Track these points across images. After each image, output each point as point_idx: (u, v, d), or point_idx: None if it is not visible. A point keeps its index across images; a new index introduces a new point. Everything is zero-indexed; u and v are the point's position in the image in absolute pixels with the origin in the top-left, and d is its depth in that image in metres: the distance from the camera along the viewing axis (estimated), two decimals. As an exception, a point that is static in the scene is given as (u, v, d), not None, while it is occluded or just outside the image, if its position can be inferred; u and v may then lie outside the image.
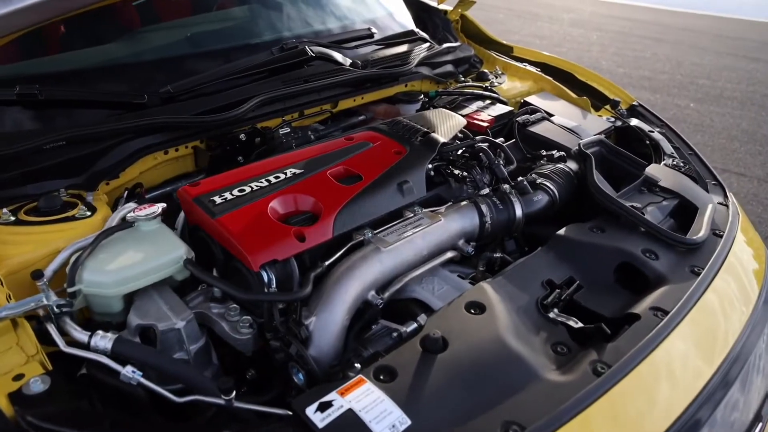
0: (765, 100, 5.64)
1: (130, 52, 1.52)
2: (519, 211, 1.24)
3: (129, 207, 1.09)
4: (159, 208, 1.07)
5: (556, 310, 1.01)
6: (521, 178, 1.33)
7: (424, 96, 1.80)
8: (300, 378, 0.94)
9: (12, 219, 1.08)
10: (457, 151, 1.38)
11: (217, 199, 1.08)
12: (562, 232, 1.21)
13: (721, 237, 1.24)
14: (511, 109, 1.73)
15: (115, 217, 1.09)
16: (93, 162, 1.23)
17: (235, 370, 1.04)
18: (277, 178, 1.16)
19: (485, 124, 1.62)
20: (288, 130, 1.49)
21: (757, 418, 1.14)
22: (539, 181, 1.33)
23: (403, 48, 1.89)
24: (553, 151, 1.50)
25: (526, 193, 1.29)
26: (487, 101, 1.76)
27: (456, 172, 1.33)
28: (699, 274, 1.10)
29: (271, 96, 1.47)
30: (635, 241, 1.17)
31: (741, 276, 1.22)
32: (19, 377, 0.80)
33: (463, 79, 1.98)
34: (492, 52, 2.22)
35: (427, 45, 1.95)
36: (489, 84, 1.93)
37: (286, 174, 1.18)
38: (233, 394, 0.81)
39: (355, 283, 1.01)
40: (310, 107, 1.59)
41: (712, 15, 9.39)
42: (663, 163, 1.51)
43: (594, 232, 1.21)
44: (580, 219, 1.27)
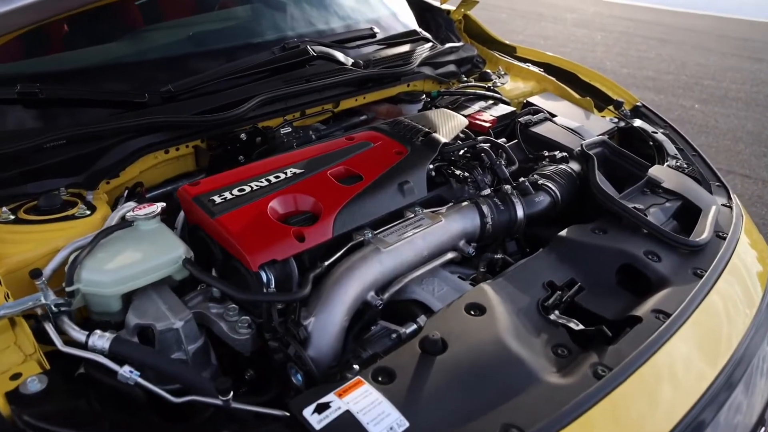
0: (770, 101, 5.62)
1: (131, 51, 1.52)
2: (520, 212, 1.24)
3: (128, 206, 1.09)
4: (158, 207, 1.06)
5: (557, 312, 1.00)
6: (523, 179, 1.32)
7: (426, 96, 1.79)
8: (298, 379, 0.93)
9: (12, 218, 1.08)
10: (459, 152, 1.37)
11: (217, 199, 1.08)
12: (563, 233, 1.20)
13: (724, 239, 1.23)
14: (514, 109, 1.72)
15: (115, 216, 1.09)
16: (93, 161, 1.23)
17: (234, 370, 1.03)
18: (277, 177, 1.16)
19: (487, 125, 1.62)
20: (289, 130, 1.48)
21: (760, 422, 1.13)
22: (541, 182, 1.32)
23: (405, 48, 1.88)
24: (556, 152, 1.49)
25: (527, 193, 1.28)
26: (490, 101, 1.75)
27: (457, 172, 1.33)
28: (702, 277, 1.09)
29: (273, 95, 1.46)
30: (637, 243, 1.16)
31: (744, 278, 1.21)
32: (16, 376, 0.80)
33: (465, 79, 1.98)
34: (495, 52, 2.21)
35: (429, 45, 1.94)
36: (491, 84, 1.92)
37: (286, 174, 1.17)
38: (231, 395, 0.81)
39: (354, 284, 1.00)
40: (311, 107, 1.59)
41: (716, 15, 9.35)
42: (666, 164, 1.50)
43: (596, 233, 1.20)
44: (582, 220, 1.26)
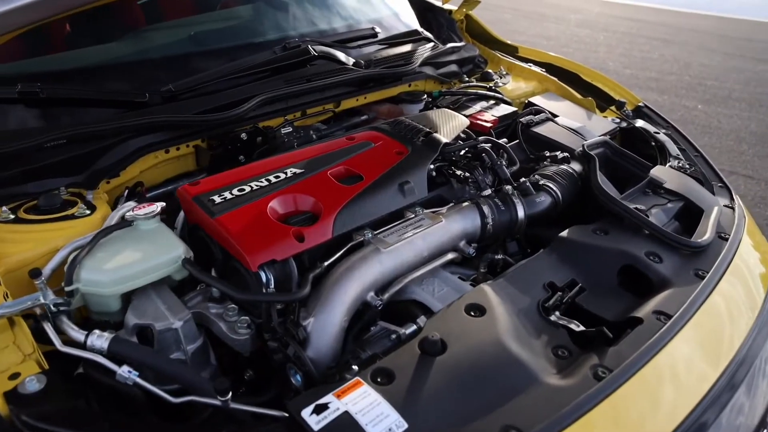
0: (774, 102, 5.60)
1: (132, 50, 1.52)
2: (521, 213, 1.23)
3: (128, 206, 1.09)
4: (158, 207, 1.06)
5: (557, 313, 1.00)
6: (524, 179, 1.32)
7: (427, 96, 1.79)
8: (298, 379, 0.93)
9: (11, 217, 1.08)
10: (460, 152, 1.37)
11: (217, 199, 1.08)
12: (564, 233, 1.20)
13: (726, 240, 1.22)
14: (515, 109, 1.72)
15: (114, 215, 1.08)
16: (94, 160, 1.23)
17: (234, 370, 1.03)
18: (277, 177, 1.15)
19: (489, 125, 1.61)
20: (290, 130, 1.48)
21: (762, 424, 1.12)
22: (542, 183, 1.32)
23: (406, 48, 1.87)
24: (557, 152, 1.48)
25: (528, 194, 1.27)
26: (491, 101, 1.75)
27: (458, 172, 1.32)
28: (703, 278, 1.09)
29: (273, 95, 1.46)
30: (639, 244, 1.16)
31: (747, 279, 1.20)
32: (15, 376, 0.80)
33: (467, 79, 1.97)
34: (497, 52, 2.21)
35: (431, 45, 1.94)
36: (493, 84, 1.92)
37: (286, 173, 1.17)
38: (229, 395, 0.81)
39: (354, 284, 1.00)
40: (312, 107, 1.59)
41: (720, 16, 9.32)
42: (668, 164, 1.49)
43: (597, 234, 1.20)
44: (583, 221, 1.26)
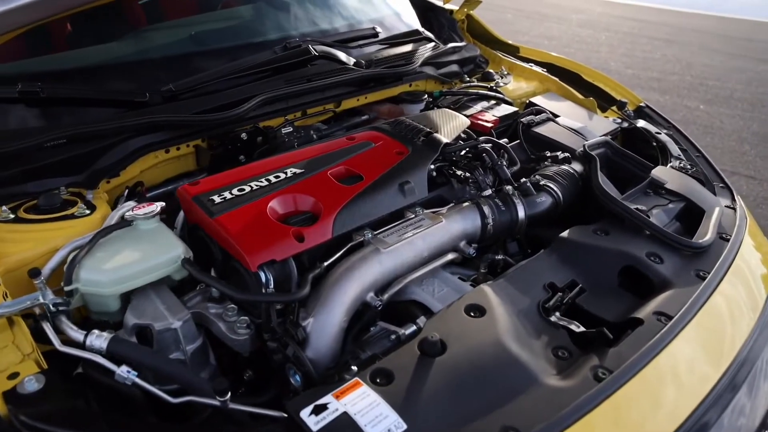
0: (776, 102, 5.58)
1: (133, 50, 1.52)
2: (521, 213, 1.23)
3: (128, 206, 1.08)
4: (157, 207, 1.06)
5: (557, 314, 1.00)
6: (524, 180, 1.31)
7: (428, 96, 1.78)
8: (297, 380, 0.93)
9: (11, 217, 1.08)
10: (460, 152, 1.37)
11: (216, 199, 1.07)
12: (565, 234, 1.20)
13: (727, 241, 1.22)
14: (516, 109, 1.71)
15: (114, 215, 1.08)
16: (94, 160, 1.23)
17: (233, 370, 1.03)
18: (277, 177, 1.15)
19: (489, 125, 1.61)
20: (290, 130, 1.48)
21: (764, 425, 1.12)
22: (543, 183, 1.32)
23: (407, 47, 1.87)
24: (558, 153, 1.48)
25: (529, 194, 1.27)
26: (492, 102, 1.75)
27: (458, 172, 1.32)
28: (704, 279, 1.08)
29: (274, 95, 1.46)
30: (640, 245, 1.16)
31: (748, 280, 1.20)
32: (14, 376, 0.80)
33: (468, 79, 1.97)
34: (498, 52, 2.20)
35: (432, 45, 1.93)
36: (494, 84, 1.91)
37: (286, 173, 1.17)
38: (228, 395, 0.81)
39: (353, 285, 0.99)
40: (312, 107, 1.58)
41: (722, 16, 9.29)
42: (669, 165, 1.49)
43: (598, 234, 1.19)
44: (584, 221, 1.25)
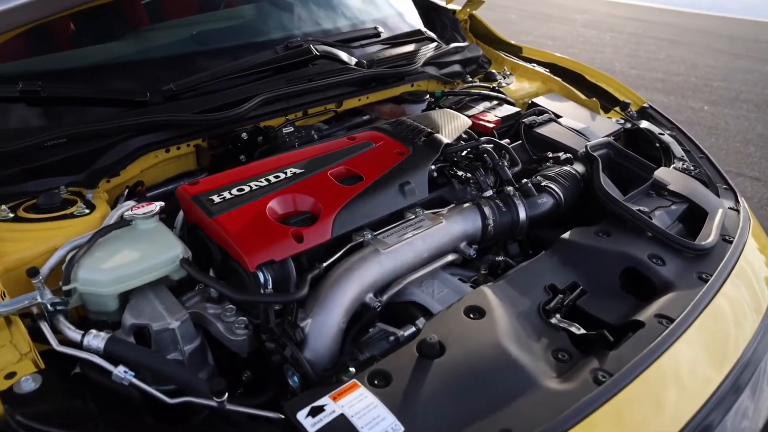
0: (781, 103, 5.55)
1: (134, 49, 1.52)
2: (522, 214, 1.22)
3: (127, 205, 1.08)
4: (157, 206, 1.06)
5: (558, 316, 0.99)
6: (526, 180, 1.31)
7: (430, 96, 1.78)
8: (295, 381, 0.92)
9: (11, 216, 1.08)
10: (461, 152, 1.36)
11: (216, 198, 1.07)
12: (566, 235, 1.19)
13: (730, 243, 1.20)
14: (518, 110, 1.70)
15: (113, 215, 1.08)
16: (94, 159, 1.23)
17: (232, 371, 1.02)
18: (276, 177, 1.15)
19: (491, 125, 1.60)
20: (291, 129, 1.47)
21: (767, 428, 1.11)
22: (544, 184, 1.31)
23: (409, 47, 1.87)
24: (560, 153, 1.47)
25: (530, 195, 1.26)
26: (494, 102, 1.74)
27: (459, 173, 1.31)
28: (707, 281, 1.07)
29: (274, 95, 1.45)
30: (642, 246, 1.15)
31: (752, 282, 1.19)
32: (11, 375, 0.79)
33: (470, 79, 1.96)
34: (501, 52, 2.19)
35: (434, 45, 1.93)
36: (497, 84, 1.91)
37: (286, 173, 1.16)
38: (226, 396, 0.80)
39: (352, 286, 0.99)
40: (314, 106, 1.58)
41: (728, 17, 9.26)
42: (672, 166, 1.48)
43: (599, 236, 1.19)
44: (586, 222, 1.24)
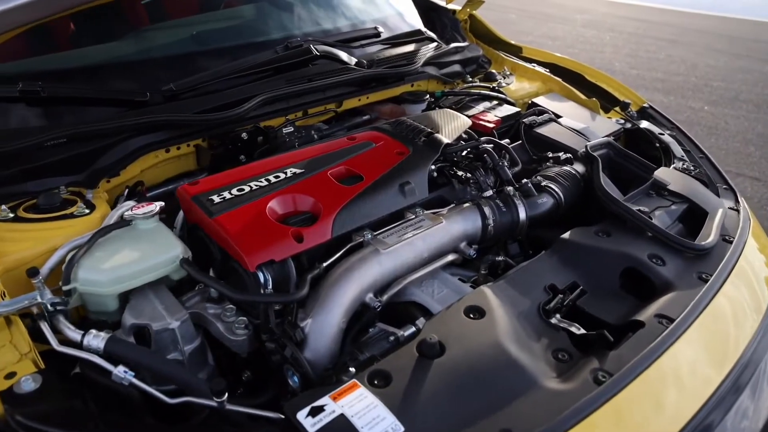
0: (781, 103, 5.55)
1: (134, 49, 1.52)
2: (522, 214, 1.22)
3: (127, 205, 1.08)
4: (156, 206, 1.06)
5: (558, 316, 0.99)
6: (526, 180, 1.31)
7: (430, 96, 1.78)
8: (295, 381, 0.92)
9: (11, 216, 1.08)
10: (461, 152, 1.36)
11: (216, 198, 1.07)
12: (566, 235, 1.19)
13: (731, 243, 1.20)
14: (518, 110, 1.70)
15: (113, 215, 1.08)
16: (94, 159, 1.23)
17: (232, 371, 1.02)
18: (276, 177, 1.15)
19: (491, 125, 1.60)
20: (291, 129, 1.47)
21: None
22: (544, 184, 1.31)
23: (409, 47, 1.86)
24: (560, 153, 1.47)
25: (530, 195, 1.26)
26: (494, 102, 1.74)
27: (459, 173, 1.31)
28: (707, 281, 1.07)
29: (274, 95, 1.45)
30: (641, 246, 1.15)
31: (752, 282, 1.19)
32: (11, 375, 0.79)
33: (470, 79, 1.96)
34: (501, 52, 2.19)
35: (434, 45, 1.93)
36: (496, 84, 1.91)
37: (286, 173, 1.16)
38: (225, 396, 0.80)
39: (352, 286, 0.99)
40: (314, 106, 1.58)
41: (728, 17, 9.25)
42: (672, 166, 1.48)
43: (599, 236, 1.18)
44: (586, 222, 1.24)
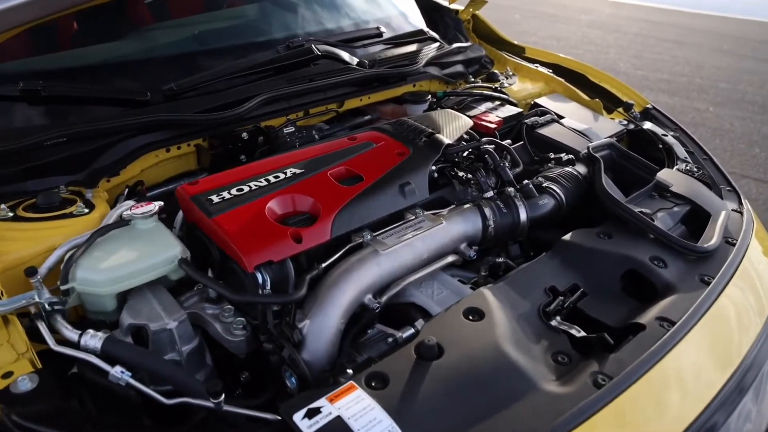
0: (787, 104, 5.50)
1: (135, 49, 1.52)
2: (523, 215, 1.21)
3: (126, 205, 1.08)
4: (155, 206, 1.06)
5: (558, 318, 0.98)
6: (527, 181, 1.30)
7: (431, 96, 1.77)
8: (292, 382, 0.92)
9: (10, 215, 1.08)
10: (462, 153, 1.35)
11: (215, 198, 1.07)
12: (567, 237, 1.18)
13: (733, 245, 1.19)
14: (521, 110, 1.69)
15: (112, 214, 1.08)
16: (94, 159, 1.23)
17: (230, 371, 1.02)
18: (276, 177, 1.14)
19: (493, 126, 1.59)
20: (292, 129, 1.47)
21: (771, 432, 1.10)
22: (546, 185, 1.30)
23: (411, 47, 1.86)
24: (562, 154, 1.46)
25: (531, 196, 1.25)
26: (497, 102, 1.73)
27: (460, 174, 1.30)
28: (709, 284, 1.06)
29: (275, 95, 1.45)
30: (643, 248, 1.14)
31: (755, 285, 1.18)
32: (7, 375, 0.79)
33: (472, 79, 1.95)
34: (503, 52, 2.18)
35: (436, 45, 1.92)
36: (499, 85, 1.90)
37: (285, 174, 1.16)
38: (222, 397, 0.80)
39: (351, 287, 0.98)
40: (315, 106, 1.58)
41: (734, 17, 9.19)
42: (675, 167, 1.46)
43: (601, 237, 1.18)
44: (587, 224, 1.23)
